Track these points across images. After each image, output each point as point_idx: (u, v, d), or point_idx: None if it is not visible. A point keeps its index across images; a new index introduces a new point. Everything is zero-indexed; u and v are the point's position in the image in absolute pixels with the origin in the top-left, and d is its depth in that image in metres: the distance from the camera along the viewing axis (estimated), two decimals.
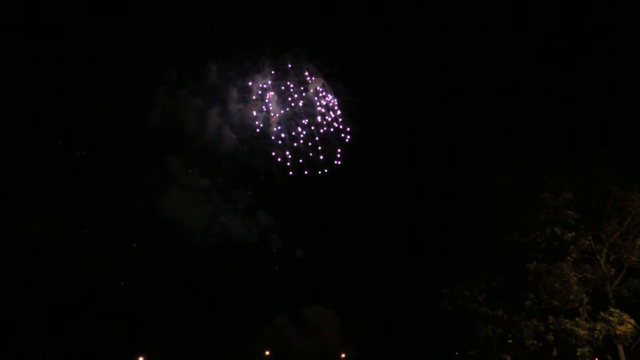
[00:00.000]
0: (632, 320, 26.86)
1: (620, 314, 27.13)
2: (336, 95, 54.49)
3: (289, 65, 52.81)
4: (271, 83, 53.93)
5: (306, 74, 52.84)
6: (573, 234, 29.59)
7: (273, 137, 53.49)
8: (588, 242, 29.56)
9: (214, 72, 54.18)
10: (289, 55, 52.80)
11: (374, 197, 62.26)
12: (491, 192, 35.10)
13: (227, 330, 51.45)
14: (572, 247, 29.59)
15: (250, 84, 53.60)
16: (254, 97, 53.71)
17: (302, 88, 53.58)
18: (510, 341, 32.62)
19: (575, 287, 29.12)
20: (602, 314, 27.66)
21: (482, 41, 56.14)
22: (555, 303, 29.63)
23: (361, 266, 59.06)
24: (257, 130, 54.30)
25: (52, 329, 44.27)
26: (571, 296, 29.14)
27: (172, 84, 52.79)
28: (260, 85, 54.03)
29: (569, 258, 29.57)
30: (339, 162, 54.56)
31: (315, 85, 52.62)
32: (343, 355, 56.06)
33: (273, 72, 53.64)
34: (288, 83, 53.50)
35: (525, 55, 50.90)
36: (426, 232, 50.08)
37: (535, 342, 30.39)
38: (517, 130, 38.03)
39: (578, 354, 27.87)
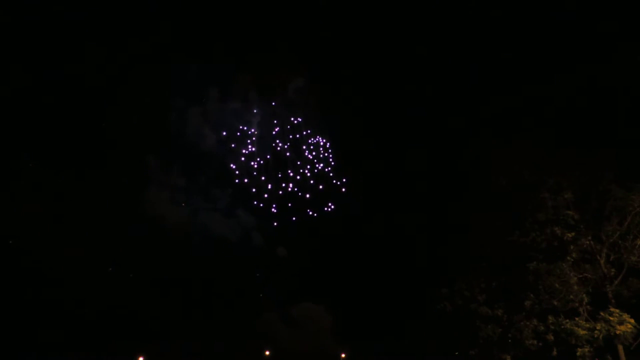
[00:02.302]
0: (632, 320, 26.80)
1: (620, 313, 27.07)
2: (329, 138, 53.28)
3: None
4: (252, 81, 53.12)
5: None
6: (573, 234, 29.56)
7: (254, 190, 52.88)
8: (588, 242, 29.55)
9: (195, 71, 53.77)
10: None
11: (372, 196, 62.29)
12: (491, 192, 35.12)
13: (223, 329, 51.56)
14: (572, 247, 29.55)
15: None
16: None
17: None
18: (510, 341, 32.63)
19: (575, 287, 29.10)
20: (602, 314, 27.60)
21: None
22: (555, 303, 29.61)
23: (359, 264, 59.11)
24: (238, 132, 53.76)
25: (51, 329, 44.27)
26: (571, 296, 29.12)
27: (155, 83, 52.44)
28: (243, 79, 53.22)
29: (569, 258, 29.53)
30: (331, 210, 54.02)
31: (296, 83, 51.84)
32: (343, 355, 56.05)
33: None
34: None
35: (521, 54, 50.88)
36: (425, 231, 50.17)
37: (535, 342, 30.41)
38: (517, 130, 38.04)
39: (578, 354, 27.84)
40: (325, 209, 54.54)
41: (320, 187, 52.99)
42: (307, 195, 51.73)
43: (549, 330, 29.69)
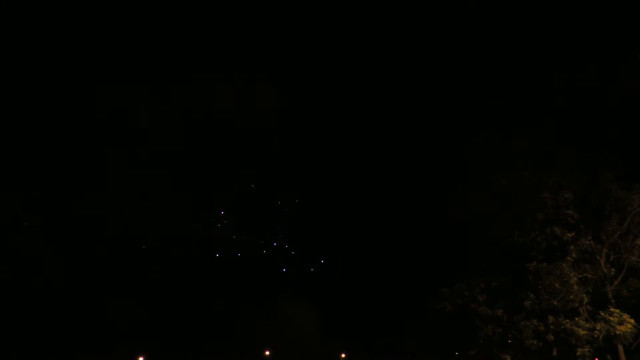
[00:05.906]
0: (632, 320, 26.82)
1: (620, 314, 27.09)
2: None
3: None
4: None
5: None
6: (573, 234, 29.60)
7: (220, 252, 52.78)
8: (588, 242, 29.56)
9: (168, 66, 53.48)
10: None
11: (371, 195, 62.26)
12: (491, 192, 35.10)
13: (221, 328, 51.62)
14: (572, 247, 29.58)
15: None
16: None
17: None
18: (510, 341, 32.64)
19: (575, 287, 29.07)
20: (602, 314, 27.63)
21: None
22: (555, 303, 29.58)
23: (359, 264, 59.11)
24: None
25: (51, 329, 44.28)
26: (571, 296, 29.09)
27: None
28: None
29: (569, 258, 29.53)
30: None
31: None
32: (343, 355, 56.05)
33: None
34: None
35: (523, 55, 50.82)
36: (426, 231, 50.11)
37: (535, 342, 30.40)
38: (517, 130, 37.96)
39: (578, 354, 27.85)
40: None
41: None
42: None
43: (549, 330, 29.69)
